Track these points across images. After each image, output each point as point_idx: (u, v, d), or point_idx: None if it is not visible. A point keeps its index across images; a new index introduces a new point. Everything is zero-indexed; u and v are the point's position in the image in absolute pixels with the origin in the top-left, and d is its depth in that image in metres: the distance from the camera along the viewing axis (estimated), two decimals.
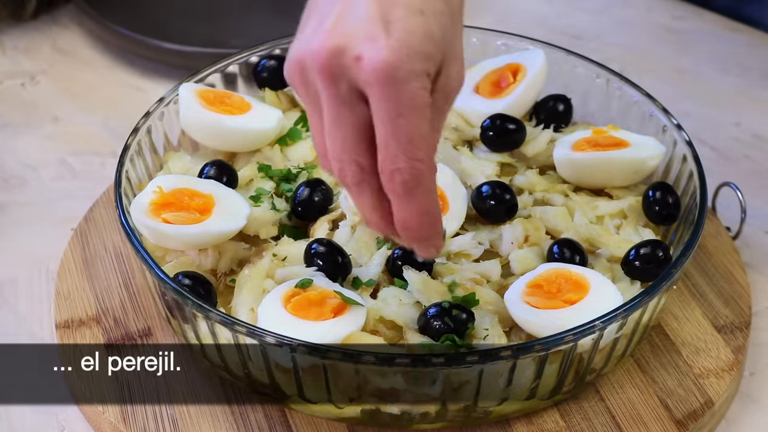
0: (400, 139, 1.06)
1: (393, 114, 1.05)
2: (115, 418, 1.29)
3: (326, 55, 1.05)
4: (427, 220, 1.11)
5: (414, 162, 1.07)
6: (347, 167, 1.10)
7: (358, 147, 1.08)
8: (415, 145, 1.06)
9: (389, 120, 1.05)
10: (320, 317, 1.24)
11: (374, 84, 1.05)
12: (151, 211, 1.34)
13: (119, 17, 1.86)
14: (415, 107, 1.05)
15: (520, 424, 1.28)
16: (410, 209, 1.10)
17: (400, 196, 1.09)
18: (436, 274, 1.33)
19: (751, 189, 1.57)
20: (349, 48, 1.05)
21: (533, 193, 1.44)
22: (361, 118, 1.08)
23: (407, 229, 1.11)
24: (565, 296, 1.27)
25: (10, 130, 1.74)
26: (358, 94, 1.07)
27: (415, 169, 1.07)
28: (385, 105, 1.05)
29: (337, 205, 1.40)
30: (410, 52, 1.05)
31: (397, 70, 1.04)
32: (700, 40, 1.92)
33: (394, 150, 1.06)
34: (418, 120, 1.06)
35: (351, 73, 1.05)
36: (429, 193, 1.09)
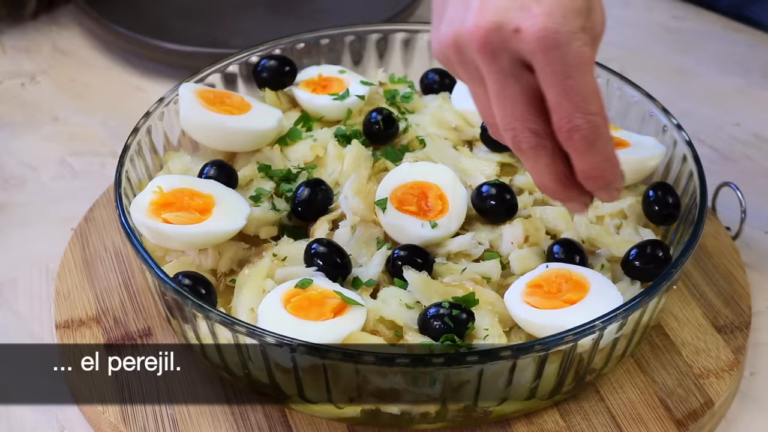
0: (573, 99, 1.10)
1: (561, 77, 1.09)
2: (115, 418, 1.29)
3: (484, 33, 1.09)
4: (609, 167, 1.15)
5: (590, 117, 1.11)
6: (521, 134, 1.14)
7: (529, 114, 1.13)
8: (587, 100, 1.10)
9: (558, 83, 1.09)
10: (320, 317, 1.24)
11: (538, 52, 1.08)
12: (151, 211, 1.34)
13: (119, 17, 1.86)
14: (581, 65, 1.09)
15: (520, 424, 1.28)
16: (593, 160, 1.14)
17: (582, 151, 1.13)
18: (436, 274, 1.34)
19: (751, 189, 1.57)
20: (505, 22, 1.08)
21: (533, 193, 1.44)
22: (527, 87, 1.12)
23: (592, 178, 1.16)
24: (565, 296, 1.27)
25: (10, 130, 1.74)
26: (521, 64, 1.10)
27: (592, 123, 1.11)
28: (551, 69, 1.09)
29: (337, 205, 1.40)
30: (564, 13, 1.08)
31: (557, 34, 1.07)
32: (700, 40, 1.92)
33: (568, 110, 1.10)
34: (587, 76, 1.10)
35: (512, 46, 1.09)
36: (608, 141, 1.13)
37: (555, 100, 1.10)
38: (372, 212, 1.38)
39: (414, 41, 1.64)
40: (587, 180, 1.16)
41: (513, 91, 1.12)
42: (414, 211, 1.37)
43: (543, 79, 1.10)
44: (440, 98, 1.56)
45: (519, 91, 1.12)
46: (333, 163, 1.46)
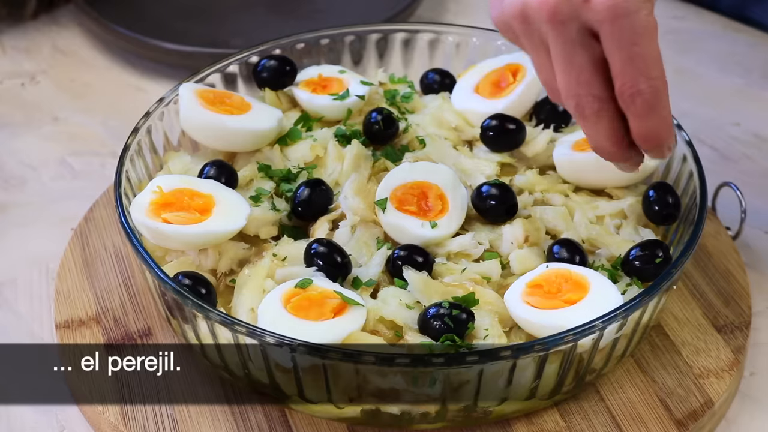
0: (638, 65, 1.15)
1: (628, 43, 1.14)
2: (115, 418, 1.29)
3: (554, 4, 1.15)
4: (666, 127, 1.20)
5: (652, 81, 1.17)
6: (584, 100, 1.19)
7: (594, 81, 1.18)
8: (651, 66, 1.16)
9: (625, 49, 1.15)
10: (320, 317, 1.24)
11: (606, 21, 1.14)
12: (151, 211, 1.34)
13: (119, 17, 1.86)
14: (647, 33, 1.15)
15: (520, 424, 1.28)
16: (653, 123, 1.19)
17: (642, 114, 1.18)
18: (436, 274, 1.34)
19: (751, 189, 1.57)
20: None
21: (533, 193, 1.44)
22: (593, 54, 1.17)
23: (649, 139, 1.21)
24: (565, 296, 1.27)
25: (10, 130, 1.74)
26: (589, 33, 1.16)
27: (655, 88, 1.17)
28: (619, 37, 1.14)
29: (337, 205, 1.40)
30: None
31: (626, 3, 1.13)
32: (700, 40, 1.92)
33: (633, 75, 1.16)
34: (651, 43, 1.15)
35: (581, 15, 1.15)
36: (666, 103, 1.19)
37: (620, 67, 1.16)
38: (372, 212, 1.38)
39: (414, 41, 1.64)
40: (645, 141, 1.21)
41: (580, 60, 1.17)
42: (414, 211, 1.37)
43: (609, 47, 1.15)
44: (440, 98, 1.56)
45: (586, 60, 1.17)
46: (333, 163, 1.46)
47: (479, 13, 1.96)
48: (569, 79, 1.19)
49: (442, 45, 1.64)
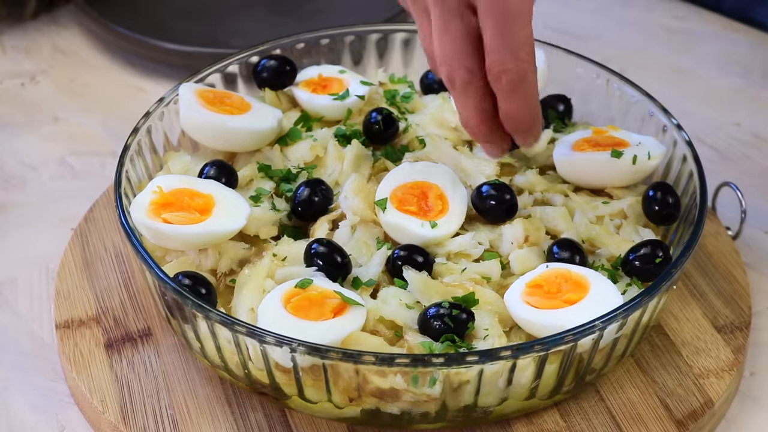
0: (507, 44, 1.19)
1: (501, 22, 1.18)
2: (115, 418, 1.29)
3: None
4: (529, 112, 1.24)
5: (519, 63, 1.20)
6: (456, 71, 1.22)
7: (466, 52, 1.21)
8: (520, 47, 1.19)
9: (497, 27, 1.18)
10: (320, 317, 1.24)
11: None
12: (151, 211, 1.34)
13: (119, 17, 1.86)
14: (520, 14, 1.18)
15: (520, 424, 1.28)
16: (515, 103, 1.22)
17: (507, 92, 1.21)
18: (436, 274, 1.34)
19: (751, 189, 1.57)
20: None
21: (533, 193, 1.44)
22: (468, 26, 1.21)
23: (512, 119, 1.24)
24: (565, 296, 1.27)
25: (10, 130, 1.74)
26: (467, 4, 1.20)
27: (521, 69, 1.20)
28: (492, 14, 1.18)
29: (337, 205, 1.40)
30: None
31: None
32: (700, 40, 1.92)
33: (501, 54, 1.19)
34: (524, 25, 1.19)
35: None
36: (532, 87, 1.23)
37: (491, 43, 1.19)
38: (372, 212, 1.38)
39: (414, 41, 1.64)
40: (508, 121, 1.24)
41: (455, 29, 1.20)
42: (414, 211, 1.37)
43: (483, 22, 1.19)
44: (440, 98, 1.56)
45: (461, 30, 1.20)
46: (333, 163, 1.46)
47: None
48: (443, 48, 1.22)
49: None
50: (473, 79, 1.23)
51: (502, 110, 1.24)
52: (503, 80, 1.21)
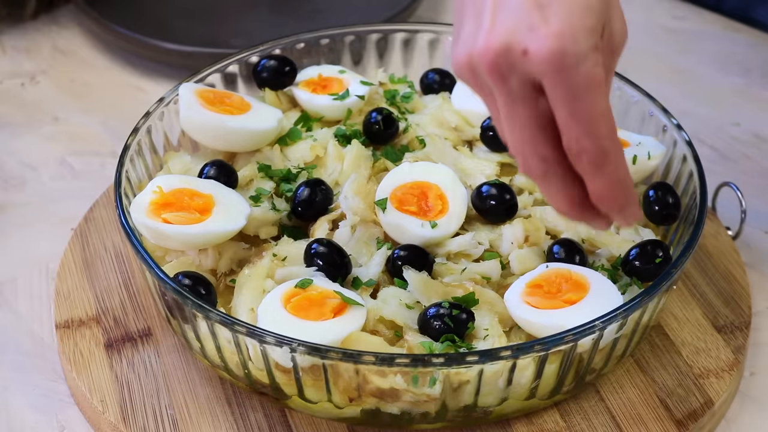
0: (580, 121, 1.07)
1: (569, 98, 1.06)
2: (115, 418, 1.29)
3: (492, 56, 1.06)
4: (620, 190, 1.12)
5: (597, 140, 1.08)
6: (530, 160, 1.11)
7: (538, 138, 1.10)
8: (595, 124, 1.07)
9: (566, 104, 1.06)
10: (320, 317, 1.24)
11: (545, 74, 1.05)
12: (151, 211, 1.34)
13: (119, 17, 1.86)
14: (590, 87, 1.06)
15: (520, 424, 1.28)
16: (602, 183, 1.11)
17: (591, 173, 1.10)
18: (436, 274, 1.34)
19: (751, 189, 1.57)
20: (514, 44, 1.06)
21: (533, 193, 1.44)
22: (537, 110, 1.09)
23: (602, 200, 1.13)
24: (565, 296, 1.27)
25: (10, 130, 1.74)
26: (532, 86, 1.08)
27: (600, 147, 1.08)
28: (560, 91, 1.06)
29: (337, 205, 1.40)
30: (574, 32, 1.05)
31: (564, 57, 1.04)
32: (700, 40, 1.93)
33: (576, 132, 1.07)
34: (596, 99, 1.07)
35: (521, 68, 1.06)
36: (618, 165, 1.10)
37: (563, 122, 1.08)
38: (372, 212, 1.38)
39: (414, 41, 1.64)
40: (599, 202, 1.13)
41: (522, 115, 1.09)
42: (414, 211, 1.37)
43: (552, 101, 1.07)
44: (440, 98, 1.56)
45: (528, 115, 1.09)
46: (333, 163, 1.46)
47: None
48: (514, 136, 1.11)
49: (442, 45, 1.64)
50: (550, 166, 1.11)
51: (590, 192, 1.12)
52: (583, 160, 1.09)
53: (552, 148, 1.10)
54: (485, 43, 1.07)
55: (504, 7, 1.07)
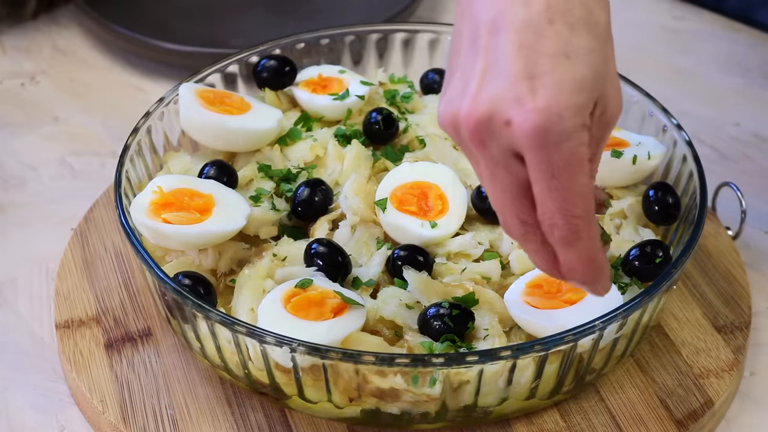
0: (556, 199, 1.04)
1: (547, 175, 1.03)
2: (115, 418, 1.29)
3: (474, 123, 1.04)
4: (590, 268, 1.10)
5: (571, 219, 1.06)
6: (509, 221, 1.09)
7: (517, 203, 1.08)
8: (571, 203, 1.05)
9: (544, 180, 1.04)
10: (320, 317, 1.24)
11: (526, 149, 1.03)
12: (151, 211, 1.34)
13: (119, 17, 1.86)
14: (569, 166, 1.03)
15: (520, 424, 1.28)
16: (572, 258, 1.09)
17: (561, 247, 1.08)
18: (436, 274, 1.34)
19: (751, 189, 1.57)
20: (498, 113, 1.03)
21: None
22: (516, 177, 1.06)
23: (571, 273, 1.11)
24: (565, 296, 1.27)
25: (10, 130, 1.74)
26: (513, 154, 1.05)
27: (573, 225, 1.06)
28: (539, 167, 1.03)
29: (337, 205, 1.40)
30: (561, 110, 1.02)
31: (547, 134, 1.01)
32: (700, 40, 1.92)
33: (550, 208, 1.05)
34: (574, 178, 1.04)
35: (502, 138, 1.04)
36: (590, 244, 1.08)
37: (539, 196, 1.05)
38: (372, 212, 1.38)
39: (414, 41, 1.64)
40: (568, 274, 1.12)
41: (502, 180, 1.07)
42: (414, 211, 1.37)
43: (530, 173, 1.05)
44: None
45: (508, 181, 1.07)
46: (333, 163, 1.46)
47: None
48: (494, 197, 1.09)
49: (442, 45, 1.64)
50: (529, 228, 1.09)
51: (560, 262, 1.11)
52: (555, 235, 1.07)
53: (531, 213, 1.08)
54: (469, 109, 1.04)
55: (494, 73, 1.04)
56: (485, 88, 1.04)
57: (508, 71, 1.03)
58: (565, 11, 1.04)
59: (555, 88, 1.02)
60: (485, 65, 1.05)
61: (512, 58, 1.03)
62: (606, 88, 1.06)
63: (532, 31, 1.03)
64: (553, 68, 1.03)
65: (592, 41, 1.05)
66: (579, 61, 1.03)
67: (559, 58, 1.03)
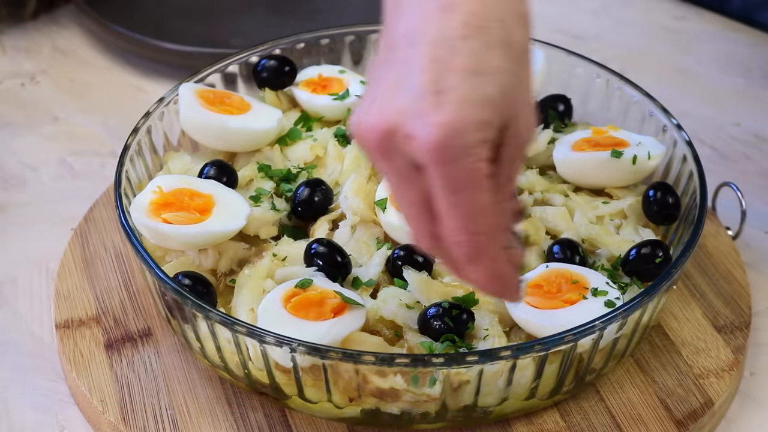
0: (458, 215, 1.04)
1: (447, 191, 1.02)
2: (115, 418, 1.29)
3: (377, 135, 1.03)
4: (495, 282, 1.09)
5: (473, 236, 1.05)
6: (418, 233, 1.09)
7: (424, 217, 1.06)
8: (472, 219, 1.04)
9: (444, 196, 1.03)
10: (320, 317, 1.24)
11: (426, 162, 1.02)
12: (151, 211, 1.34)
13: (119, 17, 1.86)
14: (469, 183, 1.02)
15: (520, 424, 1.28)
16: (476, 274, 1.09)
17: (464, 264, 1.08)
18: (436, 274, 1.33)
19: (751, 189, 1.57)
20: (401, 126, 1.02)
21: (533, 193, 1.44)
22: (421, 191, 1.05)
23: (478, 286, 1.12)
24: (565, 296, 1.27)
25: (10, 130, 1.74)
26: (416, 168, 1.04)
27: (475, 242, 1.05)
28: (438, 183, 1.02)
29: (337, 205, 1.40)
30: (464, 126, 1.01)
31: (447, 150, 1.00)
32: (700, 40, 1.92)
33: (453, 224, 1.04)
34: (475, 194, 1.03)
35: (405, 150, 1.03)
36: (493, 260, 1.07)
37: (441, 212, 1.04)
38: (372, 212, 1.38)
39: None
40: (476, 287, 1.11)
41: (407, 194, 1.06)
42: None
43: (432, 189, 1.03)
44: None
45: (412, 194, 1.05)
46: (333, 163, 1.46)
47: None
48: (402, 209, 1.08)
49: None
50: (436, 242, 1.07)
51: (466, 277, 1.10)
52: (457, 252, 1.06)
53: (439, 227, 1.06)
54: (375, 121, 1.03)
55: (403, 84, 1.03)
56: (393, 100, 1.03)
57: (416, 84, 1.02)
58: (482, 29, 1.03)
59: (460, 104, 1.01)
60: (396, 77, 1.04)
61: (422, 71, 1.02)
62: (517, 110, 1.04)
63: (446, 46, 1.02)
64: (461, 84, 1.01)
65: (507, 61, 1.03)
66: (489, 80, 1.02)
67: (469, 74, 1.01)
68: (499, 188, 1.07)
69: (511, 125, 1.05)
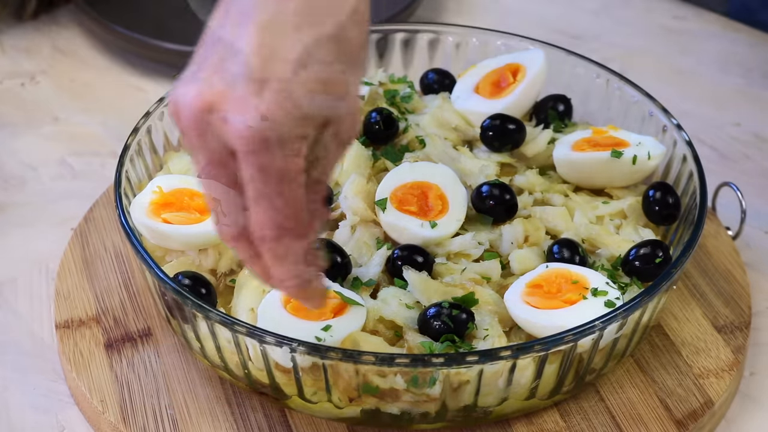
0: (267, 209, 1.00)
1: (258, 182, 0.99)
2: (115, 418, 1.29)
3: (192, 113, 1.00)
4: (298, 284, 1.07)
5: (281, 231, 1.02)
6: (223, 222, 1.05)
7: (232, 206, 1.03)
8: (281, 214, 1.01)
9: (254, 188, 1.00)
10: (320, 317, 1.24)
11: (239, 150, 0.99)
12: (151, 211, 1.34)
13: (119, 17, 1.86)
14: (282, 176, 0.99)
15: (520, 424, 1.28)
16: (281, 272, 1.06)
17: (270, 261, 1.05)
18: (436, 274, 1.33)
19: (751, 189, 1.57)
20: (218, 107, 0.99)
21: (533, 193, 1.44)
22: (233, 177, 1.02)
23: (280, 286, 1.09)
24: (565, 296, 1.27)
25: (10, 130, 1.74)
26: (229, 153, 1.00)
27: (281, 239, 1.02)
28: (249, 172, 0.99)
29: (337, 205, 1.40)
30: (281, 117, 0.98)
31: (263, 141, 0.98)
32: (700, 40, 1.92)
33: (261, 218, 1.01)
34: (286, 189, 1.00)
35: (218, 133, 1.00)
36: (298, 261, 1.04)
37: (250, 203, 1.01)
38: (372, 212, 1.38)
39: (414, 41, 1.64)
40: (279, 287, 1.09)
41: (218, 178, 1.02)
42: (414, 211, 1.37)
43: (243, 177, 1.00)
44: (440, 98, 1.56)
45: (221, 178, 1.02)
46: None
47: (479, 13, 1.96)
48: (208, 196, 1.05)
49: (442, 45, 1.64)
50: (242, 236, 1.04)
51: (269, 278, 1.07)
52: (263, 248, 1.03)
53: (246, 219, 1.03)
54: (192, 97, 1.00)
55: (227, 65, 1.00)
56: (215, 78, 1.00)
57: (240, 69, 0.99)
58: (315, 23, 1.00)
59: (282, 94, 0.99)
60: (220, 58, 1.01)
61: (249, 54, 0.99)
62: (340, 108, 1.02)
63: (276, 31, 0.99)
64: (285, 74, 0.99)
65: (336, 58, 1.01)
66: (315, 74, 1.00)
67: (295, 65, 0.99)
68: (312, 187, 1.04)
69: (331, 125, 1.03)
